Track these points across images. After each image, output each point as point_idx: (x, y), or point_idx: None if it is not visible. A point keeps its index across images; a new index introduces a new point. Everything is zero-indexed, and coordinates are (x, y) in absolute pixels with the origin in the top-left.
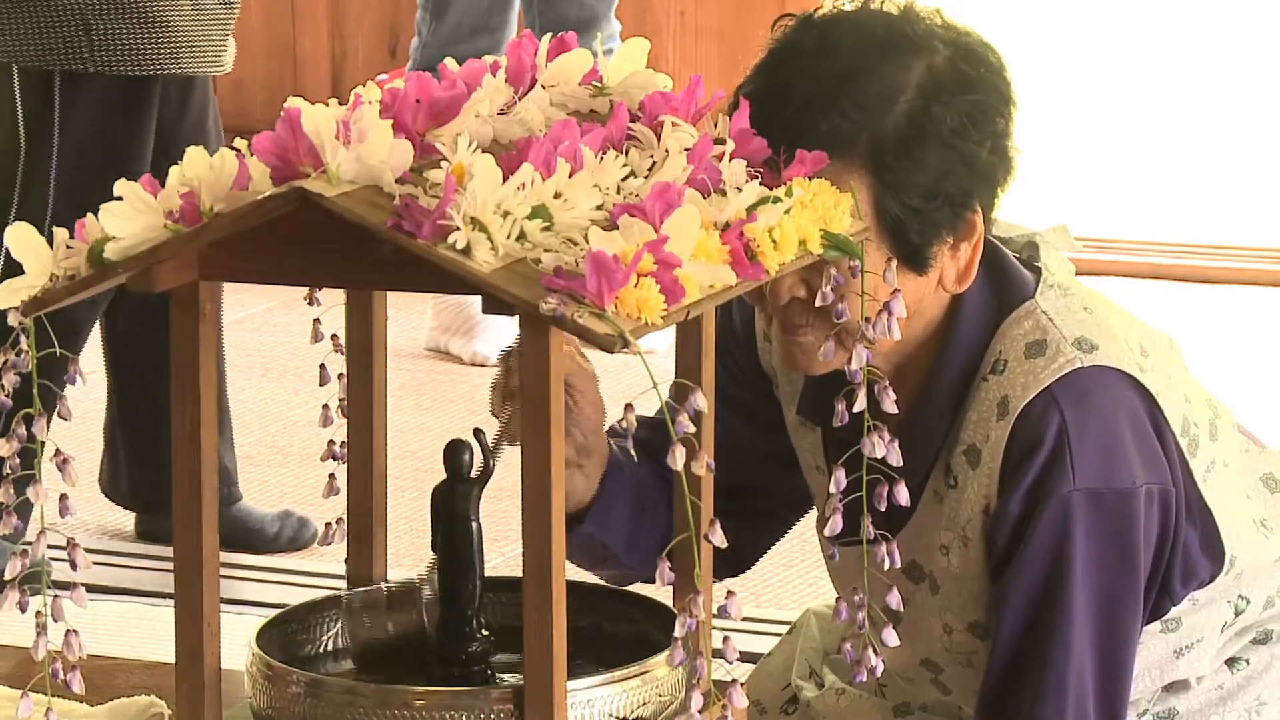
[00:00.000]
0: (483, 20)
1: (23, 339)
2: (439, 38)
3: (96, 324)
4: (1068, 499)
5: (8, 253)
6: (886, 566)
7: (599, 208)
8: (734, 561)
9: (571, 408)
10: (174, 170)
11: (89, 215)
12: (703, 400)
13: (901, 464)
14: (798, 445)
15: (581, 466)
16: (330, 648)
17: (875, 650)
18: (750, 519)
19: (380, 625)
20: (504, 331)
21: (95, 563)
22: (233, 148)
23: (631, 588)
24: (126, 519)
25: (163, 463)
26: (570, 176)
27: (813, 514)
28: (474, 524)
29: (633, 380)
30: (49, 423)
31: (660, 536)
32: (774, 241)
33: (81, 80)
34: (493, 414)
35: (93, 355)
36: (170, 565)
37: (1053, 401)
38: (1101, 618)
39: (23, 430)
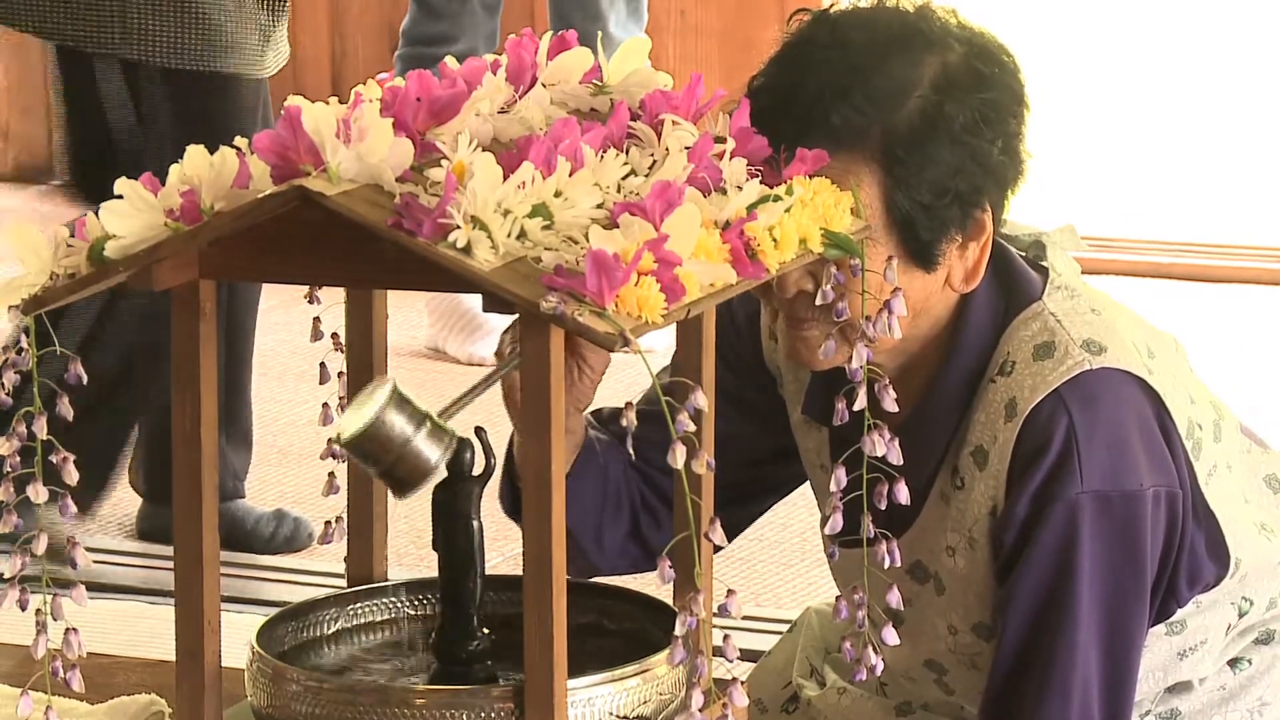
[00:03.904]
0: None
1: (23, 338)
2: (412, 17)
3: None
4: (1075, 501)
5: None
6: (886, 565)
7: (599, 206)
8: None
9: (574, 380)
10: (174, 169)
11: (89, 214)
12: (703, 399)
13: (902, 463)
14: (802, 444)
15: None
16: (331, 645)
17: (875, 649)
18: (742, 504)
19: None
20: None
21: (95, 561)
22: (233, 146)
23: (632, 587)
24: (127, 517)
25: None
26: (571, 175)
27: (816, 515)
28: (474, 523)
29: (633, 380)
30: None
31: (626, 532)
32: (774, 240)
33: (159, 71)
34: (495, 356)
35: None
36: (171, 563)
37: (1061, 404)
38: (1107, 620)
39: (23, 429)
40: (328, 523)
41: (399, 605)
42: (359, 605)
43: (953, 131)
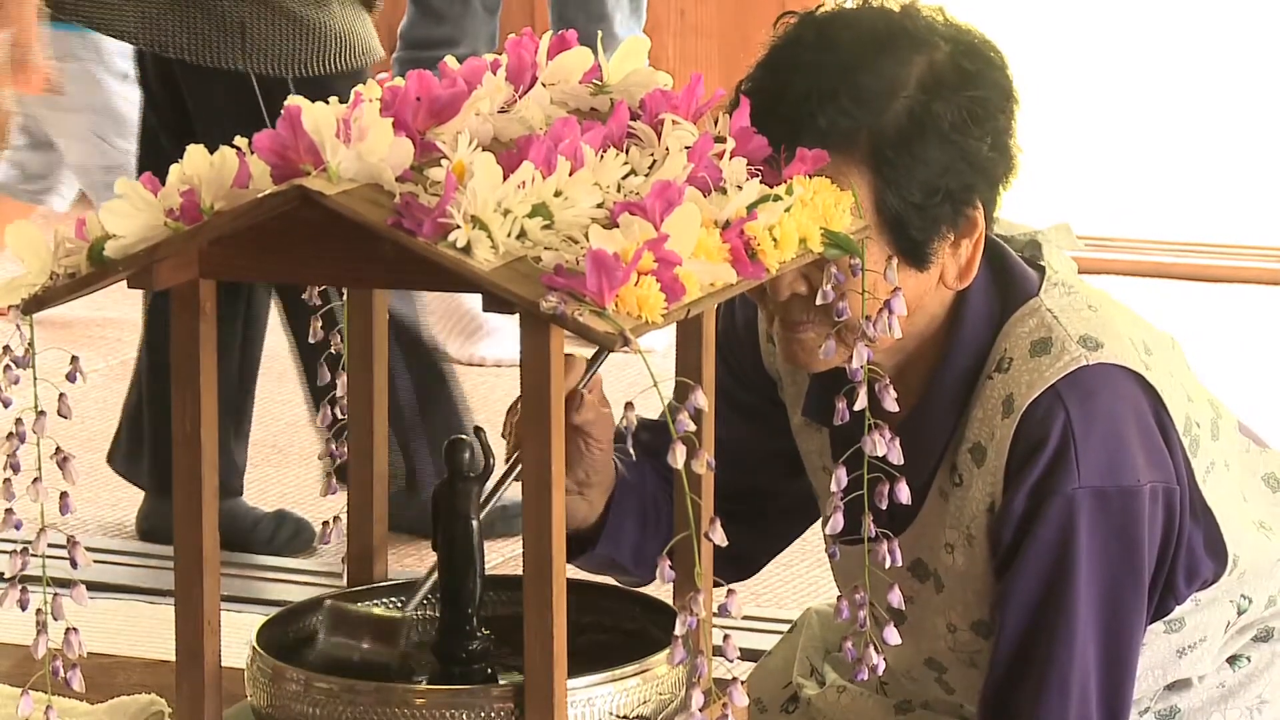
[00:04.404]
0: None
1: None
2: (410, 19)
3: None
4: (1072, 497)
5: None
6: (888, 565)
7: (599, 206)
8: (739, 566)
9: (583, 452)
10: (174, 168)
11: (89, 213)
12: (703, 399)
13: (903, 462)
14: (804, 448)
15: (583, 494)
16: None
17: (877, 648)
18: (753, 522)
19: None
20: (503, 334)
21: (95, 561)
22: (232, 145)
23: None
24: (127, 517)
25: None
26: (571, 175)
27: (817, 516)
28: (474, 523)
29: (632, 379)
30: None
31: (665, 541)
32: (774, 240)
33: (313, 82)
34: (501, 435)
35: (91, 353)
36: (171, 563)
37: (1058, 399)
38: (1105, 616)
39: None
40: (325, 523)
41: (399, 605)
42: (359, 605)
43: (941, 130)
